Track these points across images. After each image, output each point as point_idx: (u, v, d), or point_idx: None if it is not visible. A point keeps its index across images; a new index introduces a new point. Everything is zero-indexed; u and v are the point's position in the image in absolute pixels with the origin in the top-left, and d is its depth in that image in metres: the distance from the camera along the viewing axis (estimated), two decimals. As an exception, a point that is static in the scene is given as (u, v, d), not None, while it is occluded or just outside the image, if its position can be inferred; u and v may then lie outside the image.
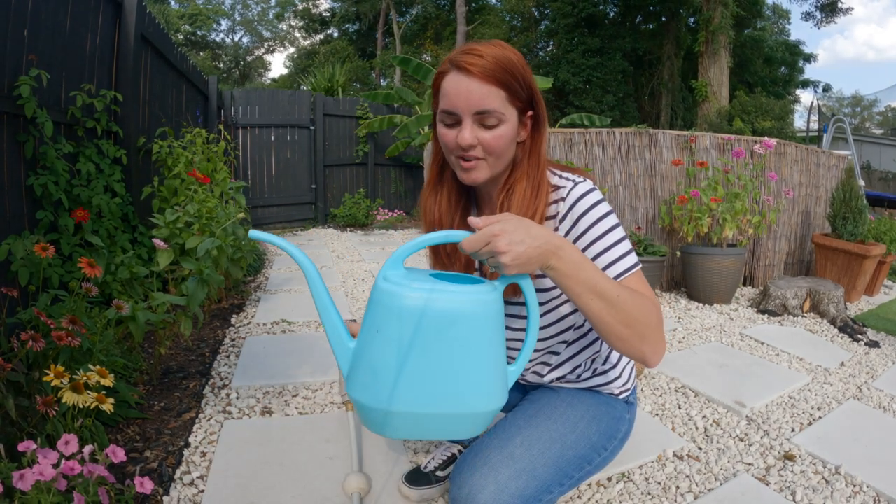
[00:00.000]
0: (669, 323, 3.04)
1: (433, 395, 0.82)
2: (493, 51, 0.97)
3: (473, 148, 1.00)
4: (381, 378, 0.82)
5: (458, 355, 0.82)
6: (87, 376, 1.28)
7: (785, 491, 1.46)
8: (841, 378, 2.28)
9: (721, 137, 3.90)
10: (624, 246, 1.01)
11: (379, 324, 0.82)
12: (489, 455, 1.02)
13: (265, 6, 28.68)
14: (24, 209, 2.23)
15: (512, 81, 0.98)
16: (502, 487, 0.98)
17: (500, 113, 0.98)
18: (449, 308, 0.80)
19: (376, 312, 0.83)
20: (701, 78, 12.30)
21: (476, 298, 0.82)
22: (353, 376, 0.87)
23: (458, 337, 0.81)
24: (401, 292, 0.81)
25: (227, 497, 1.39)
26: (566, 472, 1.07)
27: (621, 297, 0.89)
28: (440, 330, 0.80)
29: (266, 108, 7.20)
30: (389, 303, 0.81)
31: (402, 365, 0.81)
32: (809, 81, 19.79)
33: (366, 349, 0.84)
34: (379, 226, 7.35)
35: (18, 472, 0.96)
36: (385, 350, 0.82)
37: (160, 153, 3.42)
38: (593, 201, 1.03)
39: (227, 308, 3.16)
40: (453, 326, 0.81)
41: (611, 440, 1.18)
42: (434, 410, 0.83)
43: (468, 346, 0.82)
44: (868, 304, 3.60)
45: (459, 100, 0.97)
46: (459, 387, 0.83)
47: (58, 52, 2.54)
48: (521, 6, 17.36)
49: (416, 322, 0.80)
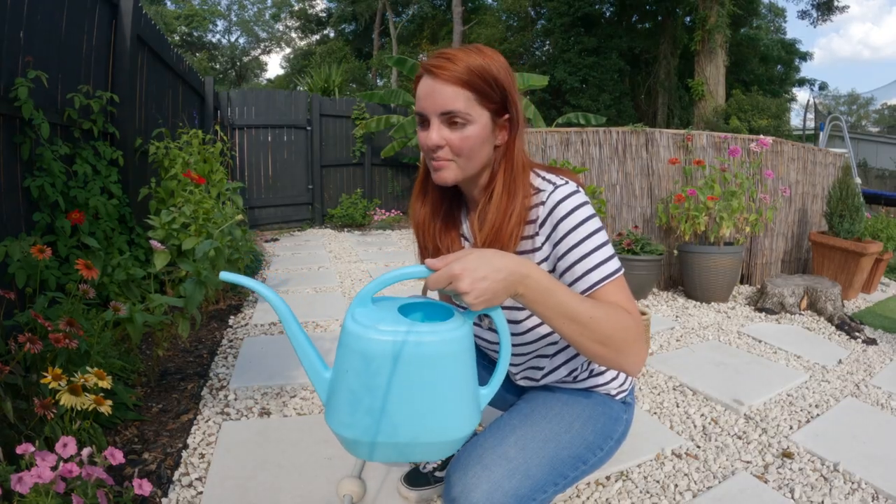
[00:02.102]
0: (667, 322, 3.04)
1: (404, 428, 0.84)
2: (464, 55, 0.98)
3: (440, 149, 1.01)
4: (356, 415, 0.84)
5: (428, 393, 0.83)
6: (85, 378, 1.28)
7: (783, 489, 1.47)
8: (839, 375, 2.29)
9: (717, 136, 3.90)
10: (603, 252, 1.00)
11: (348, 365, 0.83)
12: (483, 454, 1.03)
13: (261, 7, 28.65)
14: (21, 211, 2.22)
15: (481, 84, 0.98)
16: (496, 486, 0.98)
17: (465, 114, 0.99)
18: (418, 352, 0.81)
19: (345, 353, 0.84)
20: (697, 77, 12.32)
21: (445, 339, 0.82)
22: (331, 409, 0.88)
23: (427, 377, 0.82)
24: (368, 335, 0.81)
25: (225, 498, 1.39)
26: (560, 472, 1.07)
27: (594, 318, 0.90)
28: (409, 373, 0.81)
29: (262, 108, 7.19)
30: (357, 346, 0.82)
31: (373, 405, 0.82)
32: (806, 80, 19.85)
33: (338, 386, 0.86)
34: (376, 226, 7.35)
35: (17, 475, 0.96)
36: (356, 390, 0.83)
37: (157, 154, 3.41)
38: (573, 206, 1.02)
39: (224, 309, 3.15)
40: (423, 369, 0.82)
41: (607, 440, 1.18)
42: (406, 440, 0.85)
43: (438, 384, 0.83)
44: (865, 301, 3.61)
45: (427, 102, 1.00)
46: (429, 420, 0.84)
47: (54, 54, 2.53)
48: (518, 6, 17.36)
49: (385, 366, 0.81)
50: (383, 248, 5.69)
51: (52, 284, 2.06)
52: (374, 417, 0.83)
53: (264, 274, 4.25)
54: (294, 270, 4.40)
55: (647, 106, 15.44)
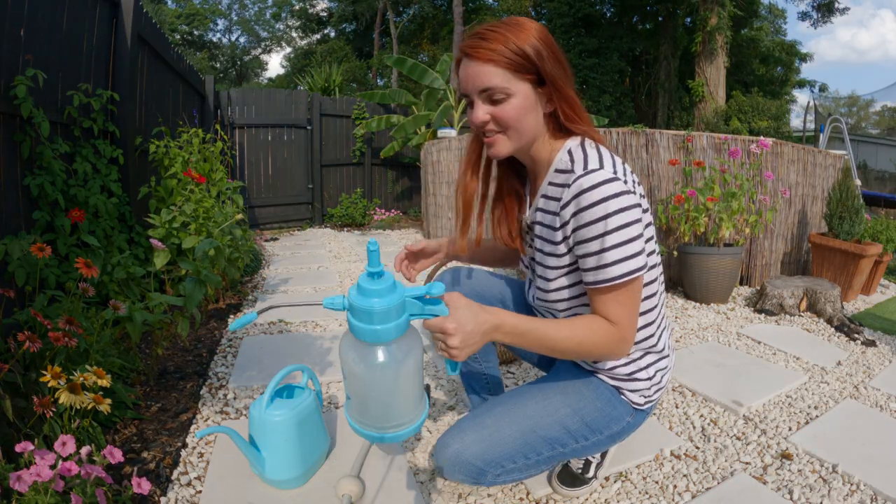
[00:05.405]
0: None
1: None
2: (496, 31, 1.03)
3: (487, 123, 1.07)
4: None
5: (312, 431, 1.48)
6: (85, 377, 1.28)
7: (782, 490, 1.47)
8: (838, 377, 2.29)
9: (718, 137, 3.90)
10: (610, 255, 1.01)
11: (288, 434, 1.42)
12: (462, 423, 1.19)
13: (262, 6, 28.63)
14: (21, 209, 2.22)
15: (514, 58, 1.02)
16: (465, 447, 1.13)
17: (503, 88, 1.03)
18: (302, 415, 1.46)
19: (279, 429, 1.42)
20: (698, 78, 12.33)
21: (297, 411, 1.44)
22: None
23: (308, 425, 1.48)
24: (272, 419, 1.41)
25: (225, 498, 1.39)
26: (533, 447, 1.17)
27: (565, 348, 1.05)
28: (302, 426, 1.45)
29: (263, 107, 7.19)
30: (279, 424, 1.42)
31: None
32: (806, 81, 19.87)
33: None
34: (376, 226, 7.35)
35: (16, 473, 0.96)
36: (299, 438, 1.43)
37: (157, 153, 3.41)
38: (598, 198, 1.00)
39: (224, 308, 3.15)
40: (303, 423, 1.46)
41: (595, 433, 1.23)
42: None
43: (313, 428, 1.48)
44: (865, 303, 3.61)
45: (467, 83, 1.06)
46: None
47: (54, 52, 2.53)
48: (518, 6, 17.37)
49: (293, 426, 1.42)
50: (383, 247, 5.69)
51: (51, 283, 2.06)
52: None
53: (264, 273, 4.25)
54: (294, 270, 4.40)
55: (647, 107, 15.45)
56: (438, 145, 5.35)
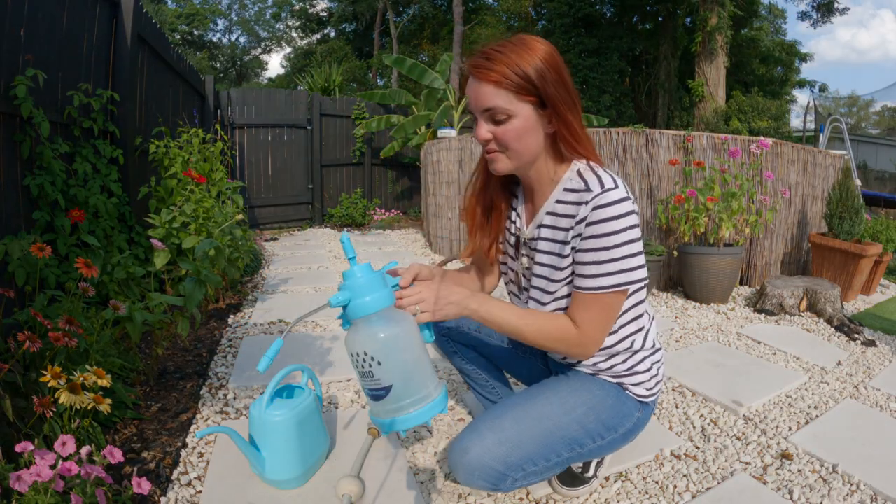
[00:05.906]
0: (666, 322, 3.04)
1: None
2: (502, 53, 1.04)
3: (489, 142, 1.11)
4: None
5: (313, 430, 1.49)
6: (85, 377, 1.28)
7: (782, 490, 1.47)
8: (838, 377, 2.29)
9: (718, 137, 3.90)
10: (604, 267, 1.07)
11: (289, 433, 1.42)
12: (479, 426, 1.16)
13: (262, 6, 28.63)
14: (21, 209, 2.22)
15: (517, 80, 1.03)
16: (486, 450, 1.11)
17: (504, 109, 1.05)
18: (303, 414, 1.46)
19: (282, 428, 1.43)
20: (698, 78, 12.33)
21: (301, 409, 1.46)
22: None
23: (308, 425, 1.48)
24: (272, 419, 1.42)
25: (225, 498, 1.39)
26: (553, 449, 1.17)
27: (527, 335, 1.12)
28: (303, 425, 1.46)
29: (263, 107, 7.19)
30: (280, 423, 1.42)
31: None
32: (806, 81, 19.86)
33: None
34: (376, 226, 7.35)
35: (16, 473, 0.96)
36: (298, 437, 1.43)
37: (157, 153, 3.41)
38: (610, 215, 1.05)
39: (224, 308, 3.15)
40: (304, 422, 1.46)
41: (610, 431, 1.24)
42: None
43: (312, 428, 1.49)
44: (865, 303, 3.62)
45: (471, 101, 1.09)
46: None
47: (54, 52, 2.53)
48: (518, 6, 17.38)
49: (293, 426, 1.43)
50: (383, 247, 5.69)
51: (51, 283, 2.06)
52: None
53: (264, 273, 4.25)
54: (294, 270, 4.40)
55: (647, 107, 15.46)
56: (438, 145, 5.35)
